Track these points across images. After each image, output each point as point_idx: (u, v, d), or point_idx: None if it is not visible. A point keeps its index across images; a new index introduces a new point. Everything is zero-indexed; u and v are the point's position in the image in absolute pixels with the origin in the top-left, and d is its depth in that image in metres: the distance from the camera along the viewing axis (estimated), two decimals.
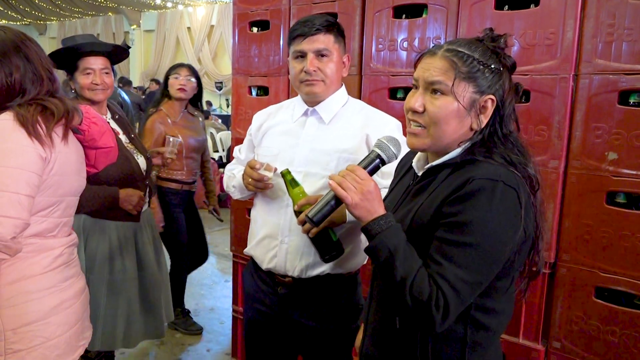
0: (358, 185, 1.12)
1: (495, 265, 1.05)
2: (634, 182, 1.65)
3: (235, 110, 2.68)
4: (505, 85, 1.12)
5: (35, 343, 1.45)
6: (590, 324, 1.77)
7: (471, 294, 1.04)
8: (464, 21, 1.91)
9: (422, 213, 1.11)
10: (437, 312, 1.01)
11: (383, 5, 2.11)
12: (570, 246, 1.79)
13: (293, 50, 1.64)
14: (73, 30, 18.36)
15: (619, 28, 1.65)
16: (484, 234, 1.02)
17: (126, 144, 2.26)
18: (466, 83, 1.09)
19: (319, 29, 1.59)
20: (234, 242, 2.71)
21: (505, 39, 1.13)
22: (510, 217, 1.03)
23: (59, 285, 1.53)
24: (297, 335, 1.72)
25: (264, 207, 1.73)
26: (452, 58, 1.09)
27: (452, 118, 1.10)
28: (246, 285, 1.83)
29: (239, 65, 2.61)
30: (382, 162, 1.22)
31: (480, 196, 1.02)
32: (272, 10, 2.44)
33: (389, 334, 1.22)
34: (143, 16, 16.77)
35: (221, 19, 14.29)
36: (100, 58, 2.19)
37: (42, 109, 1.44)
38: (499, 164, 1.07)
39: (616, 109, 1.66)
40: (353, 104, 1.74)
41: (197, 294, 4.01)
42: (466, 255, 1.02)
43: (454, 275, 1.01)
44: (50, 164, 1.44)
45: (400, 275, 1.04)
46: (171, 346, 3.18)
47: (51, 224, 1.52)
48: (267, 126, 1.76)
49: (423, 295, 1.02)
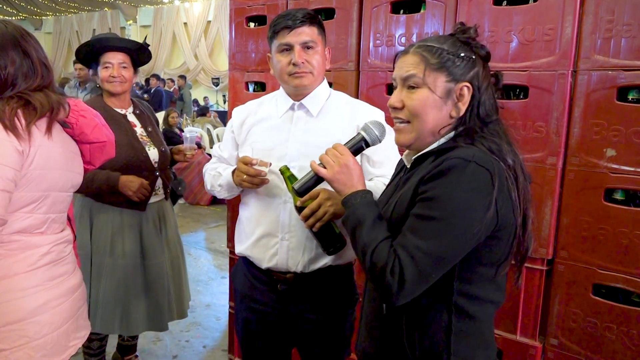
0: (337, 159, 1.22)
1: (460, 242, 1.05)
2: (632, 179, 1.65)
3: (232, 106, 2.65)
4: (480, 73, 1.15)
5: (19, 343, 1.42)
6: (588, 320, 1.77)
7: (433, 267, 1.05)
8: (462, 17, 1.90)
9: (402, 198, 1.15)
10: (392, 279, 1.03)
11: (381, 1, 2.10)
12: (568, 243, 1.78)
13: (278, 44, 1.62)
14: (69, 26, 18.30)
15: (617, 24, 1.64)
16: (449, 209, 1.04)
17: (141, 136, 2.36)
18: (437, 73, 1.13)
19: (303, 21, 1.59)
20: (231, 239, 2.70)
21: (474, 29, 1.18)
22: (478, 196, 1.04)
23: (46, 284, 1.49)
24: (295, 328, 1.72)
25: (258, 206, 1.69)
26: (422, 52, 1.15)
27: (430, 108, 1.14)
28: (239, 286, 1.80)
29: (236, 61, 2.59)
30: (366, 143, 1.30)
31: (451, 173, 1.05)
32: (269, 5, 2.42)
33: (378, 325, 1.23)
34: (139, 11, 16.69)
35: (218, 14, 14.24)
36: (119, 53, 2.31)
37: (25, 102, 1.42)
38: (477, 150, 1.09)
39: (615, 106, 1.66)
40: (337, 97, 1.74)
41: (193, 290, 3.98)
42: (429, 228, 1.05)
43: (413, 245, 1.04)
44: (29, 158, 1.40)
45: (364, 242, 1.10)
46: (167, 342, 3.17)
47: (37, 220, 1.47)
48: (250, 122, 1.73)
49: (380, 261, 1.06)
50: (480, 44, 1.17)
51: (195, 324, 3.44)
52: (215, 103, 13.47)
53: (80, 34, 17.61)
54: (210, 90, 14.37)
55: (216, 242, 5.20)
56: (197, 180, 6.64)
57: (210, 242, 5.26)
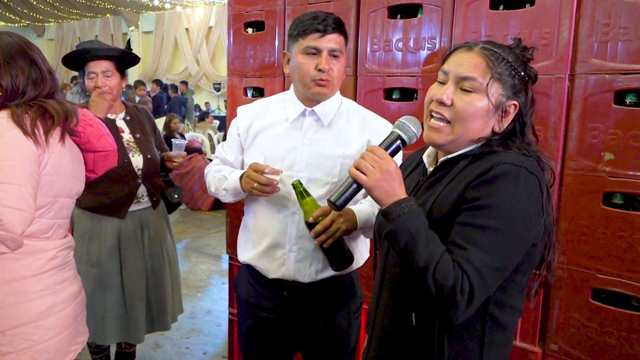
0: (377, 164, 1.07)
1: (519, 251, 1.03)
2: (630, 183, 1.64)
3: (231, 112, 2.66)
4: (528, 96, 1.13)
5: (24, 346, 1.44)
6: (588, 325, 1.75)
7: (495, 280, 1.02)
8: (459, 21, 1.90)
9: (442, 202, 1.09)
10: (461, 298, 0.97)
11: (378, 6, 2.10)
12: (567, 247, 1.77)
13: (305, 46, 1.56)
14: (71, 32, 18.38)
15: (614, 27, 1.63)
16: (508, 218, 1.00)
17: (127, 142, 2.34)
18: (498, 84, 1.09)
19: (334, 28, 1.55)
20: (230, 245, 2.69)
21: (532, 50, 1.15)
22: (533, 203, 1.02)
23: (51, 288, 1.52)
24: (300, 334, 1.71)
25: (265, 215, 1.66)
26: (489, 56, 1.09)
27: (480, 116, 1.10)
28: (242, 293, 1.78)
29: (234, 67, 2.60)
30: (403, 142, 1.16)
31: (505, 180, 1.01)
32: (267, 11, 2.43)
33: (401, 336, 1.18)
34: (141, 18, 16.75)
35: (219, 20, 14.28)
36: (102, 62, 2.30)
37: (43, 111, 1.47)
38: (518, 153, 1.08)
39: (612, 109, 1.65)
40: (348, 105, 1.71)
41: (193, 296, 3.99)
42: (491, 239, 1.00)
43: (480, 260, 0.98)
44: (42, 164, 1.45)
45: (424, 260, 0.99)
46: (167, 349, 3.16)
47: (44, 225, 1.51)
48: (258, 127, 1.69)
49: (448, 280, 0.97)
50: (532, 66, 1.15)
51: (195, 330, 3.43)
52: (216, 108, 13.49)
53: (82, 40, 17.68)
54: (212, 96, 14.40)
55: (217, 248, 5.20)
56: (197, 186, 6.65)
57: (211, 247, 5.25)
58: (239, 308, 1.84)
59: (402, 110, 2.05)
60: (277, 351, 1.77)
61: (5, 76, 1.45)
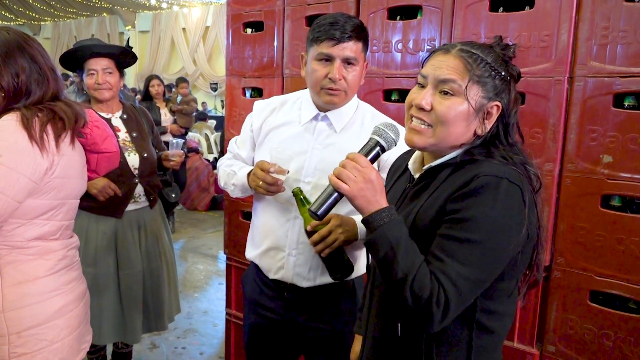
0: (359, 173, 1.06)
1: (498, 263, 1.03)
2: (629, 185, 1.65)
3: (229, 112, 2.66)
4: (511, 95, 1.11)
5: (39, 347, 1.45)
6: (585, 327, 1.76)
7: (472, 292, 1.02)
8: (458, 23, 1.90)
9: (424, 214, 1.09)
10: (437, 310, 0.98)
11: (377, 7, 2.10)
12: (565, 249, 1.78)
13: (318, 52, 1.52)
14: (67, 31, 18.31)
15: (613, 30, 1.64)
16: (487, 231, 1.00)
17: (123, 141, 2.34)
18: (478, 86, 1.07)
19: (350, 35, 1.49)
20: (228, 245, 2.69)
21: (514, 48, 1.13)
22: (514, 214, 1.01)
23: (62, 288, 1.53)
24: (300, 336, 1.71)
25: (269, 216, 1.66)
26: (467, 59, 1.08)
27: (460, 120, 1.08)
28: (248, 291, 1.78)
29: (233, 67, 2.59)
30: (382, 149, 1.16)
31: (485, 192, 1.00)
32: (266, 11, 2.42)
33: (390, 343, 1.18)
34: (138, 17, 16.72)
35: (216, 20, 14.28)
36: (103, 59, 2.30)
37: (53, 115, 1.44)
38: (500, 163, 1.06)
39: (611, 112, 1.66)
40: (363, 110, 1.67)
41: (190, 296, 3.99)
42: (468, 252, 1.00)
43: (456, 272, 0.98)
44: (52, 168, 1.43)
45: (402, 271, 0.99)
46: (164, 349, 3.15)
47: (53, 226, 1.51)
48: (270, 125, 1.67)
49: (424, 291, 0.98)
50: (514, 65, 1.13)
51: (192, 331, 3.42)
52: (213, 108, 13.47)
53: (79, 39, 17.63)
54: (209, 96, 14.38)
55: (213, 248, 5.19)
56: (194, 186, 6.63)
57: (208, 247, 5.24)
58: (244, 305, 1.84)
59: (401, 112, 2.04)
60: (279, 352, 1.77)
61: (6, 76, 1.42)
